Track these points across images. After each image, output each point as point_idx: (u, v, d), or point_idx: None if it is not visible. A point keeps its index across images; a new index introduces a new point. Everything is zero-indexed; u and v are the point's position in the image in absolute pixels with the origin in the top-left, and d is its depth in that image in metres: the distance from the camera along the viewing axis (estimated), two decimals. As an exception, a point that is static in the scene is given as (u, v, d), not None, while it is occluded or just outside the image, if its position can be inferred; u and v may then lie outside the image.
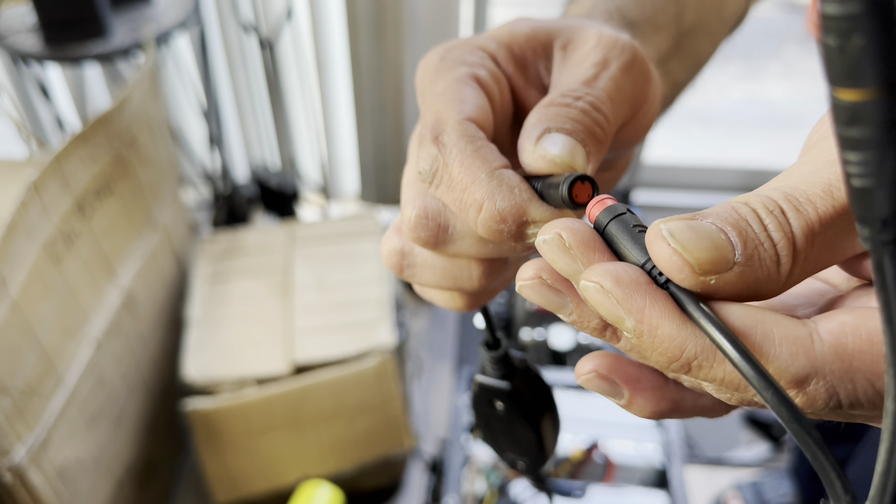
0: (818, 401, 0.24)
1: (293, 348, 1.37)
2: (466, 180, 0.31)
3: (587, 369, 0.30)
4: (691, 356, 0.25)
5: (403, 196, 0.36)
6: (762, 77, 3.03)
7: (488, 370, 0.41)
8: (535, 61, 0.37)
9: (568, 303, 0.28)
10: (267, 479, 1.40)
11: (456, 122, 0.33)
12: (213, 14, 1.83)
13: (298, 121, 2.04)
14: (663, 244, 0.25)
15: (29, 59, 1.46)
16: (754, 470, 1.62)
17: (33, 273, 1.07)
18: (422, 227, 0.34)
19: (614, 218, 0.28)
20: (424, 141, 0.33)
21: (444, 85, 0.35)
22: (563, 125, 0.32)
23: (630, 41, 0.36)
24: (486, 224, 0.31)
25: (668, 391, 0.31)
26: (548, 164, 0.31)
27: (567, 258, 0.27)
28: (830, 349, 0.24)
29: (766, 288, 0.25)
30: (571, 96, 0.33)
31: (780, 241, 0.25)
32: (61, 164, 1.14)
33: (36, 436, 1.08)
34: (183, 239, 1.60)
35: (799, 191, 0.26)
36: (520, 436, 0.42)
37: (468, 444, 1.31)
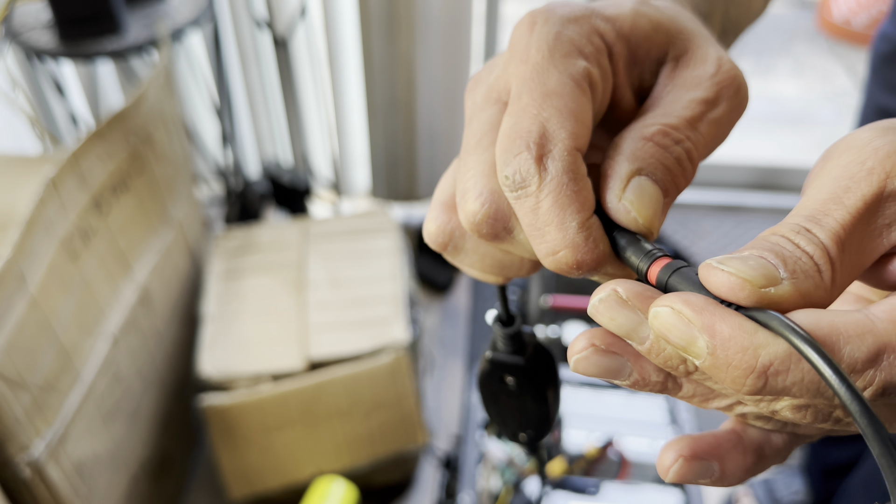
0: (895, 374, 0.25)
1: (308, 344, 1.38)
2: (555, 219, 0.30)
3: (674, 474, 0.32)
4: (767, 363, 0.25)
5: (471, 181, 0.33)
6: (772, 74, 3.03)
7: (500, 346, 0.42)
8: (644, 61, 0.35)
9: (626, 363, 0.29)
10: (281, 475, 1.41)
11: (565, 149, 0.30)
12: (226, 11, 1.83)
13: (311, 117, 2.05)
14: (718, 272, 0.26)
15: (43, 56, 1.46)
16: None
17: (51, 269, 1.08)
18: (487, 226, 0.32)
19: (675, 271, 0.28)
20: (522, 150, 0.30)
21: (558, 82, 0.31)
22: (654, 171, 0.31)
23: (745, 81, 0.34)
24: (556, 264, 0.31)
25: (748, 441, 0.33)
26: (630, 220, 0.30)
27: (626, 311, 0.28)
28: (891, 324, 0.25)
29: (818, 296, 0.27)
30: (672, 137, 0.32)
31: (814, 253, 0.27)
32: (78, 161, 1.14)
33: (54, 431, 1.09)
34: (197, 235, 1.61)
35: (815, 210, 0.28)
36: (528, 409, 0.43)
37: (483, 440, 1.32)
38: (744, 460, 0.33)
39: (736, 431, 0.34)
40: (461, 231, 0.35)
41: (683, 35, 0.35)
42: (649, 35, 0.34)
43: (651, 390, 0.30)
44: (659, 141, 0.31)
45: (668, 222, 2.20)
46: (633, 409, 1.37)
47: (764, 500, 1.51)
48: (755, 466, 0.34)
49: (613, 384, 0.30)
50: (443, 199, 0.36)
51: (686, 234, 2.16)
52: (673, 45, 0.35)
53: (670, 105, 0.33)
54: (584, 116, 0.31)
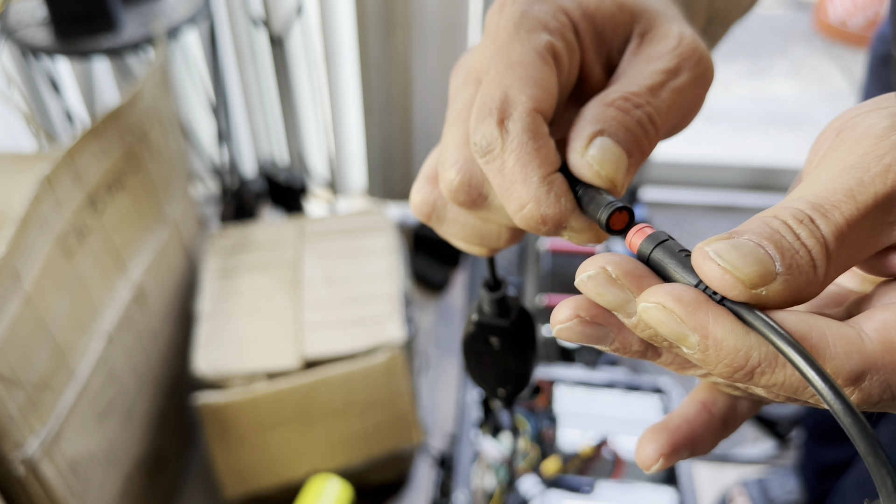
0: (873, 395, 0.25)
1: (303, 343, 1.38)
2: (518, 176, 0.32)
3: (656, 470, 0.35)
4: (755, 363, 0.26)
5: (448, 151, 0.35)
6: (768, 75, 3.03)
7: (487, 310, 0.44)
8: (612, 39, 0.37)
9: (609, 333, 0.30)
10: (276, 473, 1.41)
11: (524, 111, 0.32)
12: (222, 9, 1.83)
13: (307, 116, 2.05)
14: (712, 264, 0.26)
15: (39, 53, 1.46)
16: (760, 467, 1.62)
17: (46, 267, 1.08)
18: (463, 193, 0.35)
19: (658, 245, 0.29)
20: (486, 116, 0.32)
21: (520, 53, 0.33)
22: (616, 132, 0.32)
23: (707, 52, 0.36)
24: (524, 221, 0.32)
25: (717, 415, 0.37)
26: (592, 174, 0.32)
27: (615, 289, 0.28)
28: (880, 345, 0.25)
29: (807, 292, 0.27)
30: (633, 102, 0.33)
31: (813, 248, 0.26)
32: (74, 159, 1.14)
33: (48, 429, 1.08)
34: (193, 233, 1.61)
35: (823, 198, 0.28)
36: (509, 367, 0.46)
37: (477, 439, 1.32)
38: (714, 436, 0.36)
39: (706, 407, 0.36)
40: (443, 202, 0.37)
41: (648, 14, 0.37)
42: (614, 14, 0.36)
43: (631, 356, 0.31)
44: (620, 105, 0.33)
45: (663, 222, 2.20)
46: (628, 408, 1.37)
47: (758, 499, 1.52)
48: (723, 435, 0.36)
49: (595, 347, 0.31)
50: (427, 173, 0.38)
51: (682, 234, 2.17)
52: (638, 23, 0.36)
53: (633, 76, 0.35)
54: (547, 83, 0.33)
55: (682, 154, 2.33)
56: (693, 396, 0.37)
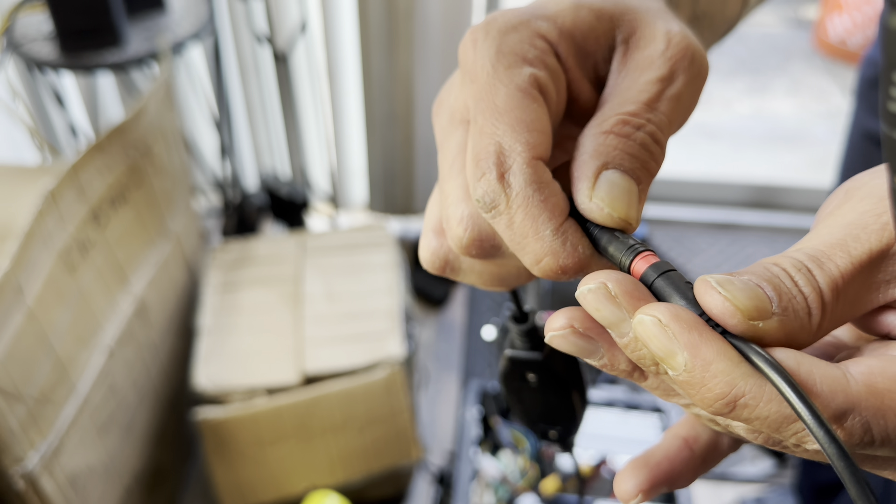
0: (854, 435, 0.26)
1: (303, 358, 1.38)
2: (529, 231, 0.30)
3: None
4: (740, 394, 0.26)
5: (451, 207, 0.33)
6: (768, 92, 3.05)
7: (517, 344, 0.42)
8: (595, 52, 0.34)
9: (599, 348, 0.30)
10: (275, 489, 1.41)
11: (524, 162, 0.30)
12: (227, 25, 1.84)
13: (309, 131, 2.06)
14: (714, 293, 0.27)
15: (44, 67, 1.47)
16: (759, 486, 1.62)
17: (49, 281, 1.08)
18: (475, 248, 0.33)
19: (662, 274, 0.29)
20: (484, 171, 0.31)
21: (505, 95, 0.31)
22: (621, 162, 0.31)
23: (699, 47, 0.34)
24: (543, 272, 0.31)
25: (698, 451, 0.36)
26: (605, 217, 0.30)
27: (613, 306, 0.28)
28: (864, 387, 0.26)
29: (801, 338, 0.27)
30: (632, 123, 0.31)
31: (809, 295, 0.27)
32: (78, 174, 1.15)
33: (49, 443, 1.09)
34: (194, 248, 1.61)
35: (820, 251, 0.28)
36: (552, 404, 0.43)
37: (476, 457, 1.32)
38: (693, 472, 0.36)
39: (688, 444, 0.36)
40: (454, 254, 0.36)
41: (628, 16, 0.34)
42: (593, 25, 0.34)
43: (618, 375, 0.31)
44: (619, 131, 0.31)
45: (663, 239, 2.21)
46: (627, 427, 1.38)
47: (756, 518, 1.52)
48: (702, 471, 0.36)
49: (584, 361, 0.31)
50: (432, 225, 0.36)
51: (681, 251, 2.17)
52: (619, 29, 0.34)
53: (626, 91, 0.33)
54: (539, 124, 0.31)
55: (682, 171, 2.34)
56: (674, 431, 0.37)
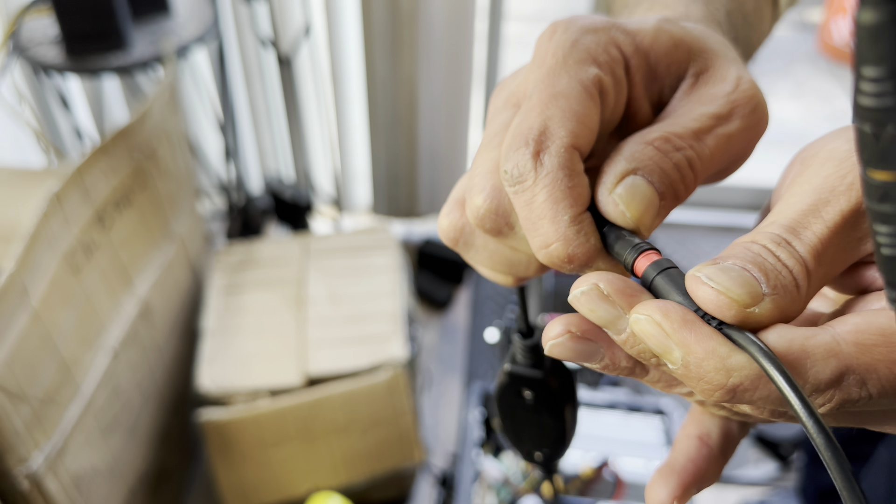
0: (853, 394, 0.26)
1: (306, 360, 1.39)
2: (547, 212, 0.31)
3: None
4: (737, 383, 0.27)
5: (477, 177, 0.34)
6: (772, 96, 3.04)
7: (519, 359, 0.41)
8: (664, 77, 0.35)
9: (599, 349, 0.30)
10: (278, 490, 1.41)
11: (562, 146, 0.31)
12: (231, 29, 1.85)
13: (313, 134, 2.06)
14: (706, 288, 0.27)
15: (50, 71, 1.48)
16: (762, 488, 1.62)
17: (54, 283, 1.09)
18: (490, 220, 0.34)
19: (662, 271, 0.29)
20: (521, 145, 0.31)
21: (566, 84, 0.32)
22: (651, 172, 0.32)
23: (764, 101, 0.35)
24: (548, 258, 0.32)
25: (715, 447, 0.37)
26: (617, 213, 0.31)
27: (607, 305, 0.29)
28: (853, 346, 0.27)
29: (792, 310, 0.28)
30: (674, 144, 0.32)
31: (794, 267, 0.28)
32: (83, 176, 1.16)
33: (53, 444, 1.09)
34: (199, 250, 1.62)
35: (794, 220, 0.29)
36: (544, 426, 0.43)
37: (479, 459, 1.32)
38: (717, 467, 0.37)
39: (704, 441, 0.37)
40: (471, 228, 0.36)
41: (706, 54, 0.35)
42: (670, 51, 0.35)
43: (619, 374, 0.31)
44: (659, 146, 0.32)
45: (667, 242, 2.21)
46: (629, 429, 1.38)
47: (759, 521, 1.51)
48: (724, 464, 0.37)
49: (583, 366, 0.31)
50: (456, 197, 0.37)
51: (685, 254, 2.17)
52: (694, 63, 0.35)
53: (681, 117, 0.34)
54: (588, 119, 0.32)
55: (686, 174, 2.34)
56: (686, 432, 0.37)
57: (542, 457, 0.45)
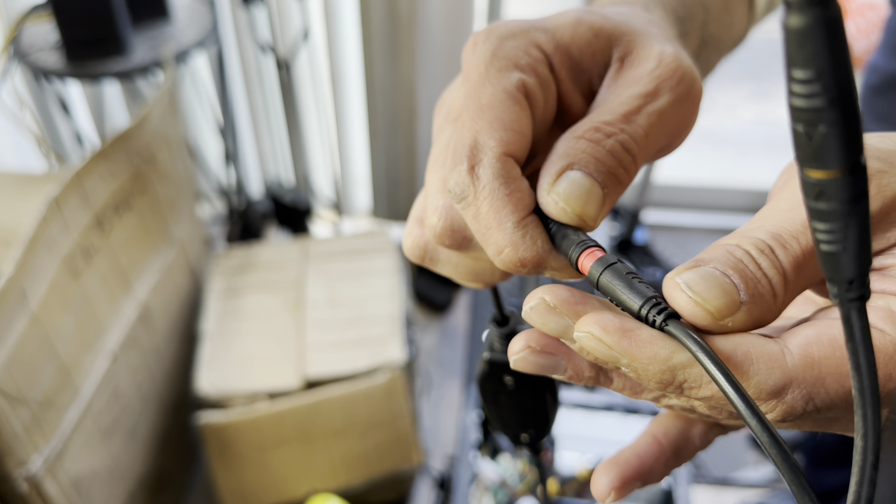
0: (797, 407, 0.27)
1: (305, 363, 1.39)
2: (493, 222, 0.32)
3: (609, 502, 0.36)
4: (682, 380, 0.28)
5: (430, 197, 0.35)
6: (772, 98, 3.05)
7: (497, 346, 0.43)
8: (590, 67, 0.36)
9: (560, 362, 0.31)
10: (277, 493, 1.42)
11: (494, 157, 0.32)
12: (231, 34, 1.86)
13: (313, 138, 2.07)
14: (683, 296, 0.28)
15: (50, 76, 1.49)
16: (760, 490, 1.62)
17: (53, 287, 1.10)
18: (447, 237, 0.35)
19: (606, 268, 0.30)
20: (458, 163, 0.32)
21: (490, 95, 0.33)
22: (586, 164, 0.32)
23: (691, 69, 0.35)
24: (503, 264, 0.33)
25: (668, 444, 0.38)
26: (559, 211, 0.32)
27: (556, 317, 0.30)
28: (801, 360, 0.27)
29: (766, 318, 0.29)
30: (604, 132, 0.33)
31: (773, 277, 0.28)
32: (82, 180, 1.16)
33: (52, 447, 1.10)
34: (198, 254, 1.63)
35: (783, 229, 0.29)
36: (527, 408, 0.44)
37: (476, 461, 1.33)
38: (665, 465, 0.37)
39: (656, 439, 0.38)
40: (433, 244, 0.37)
41: (627, 37, 0.36)
42: (590, 41, 0.35)
43: (585, 384, 0.32)
44: (590, 136, 0.32)
45: (666, 244, 2.21)
46: (625, 431, 1.38)
47: (757, 523, 1.52)
48: (675, 464, 0.38)
49: (561, 381, 0.32)
50: (416, 216, 0.38)
51: (685, 257, 2.18)
52: (616, 48, 0.36)
53: (609, 104, 0.34)
54: (518, 125, 0.33)
55: (686, 177, 2.35)
56: (646, 430, 0.38)
57: (529, 437, 0.46)
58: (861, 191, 0.21)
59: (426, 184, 0.36)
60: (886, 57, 1.12)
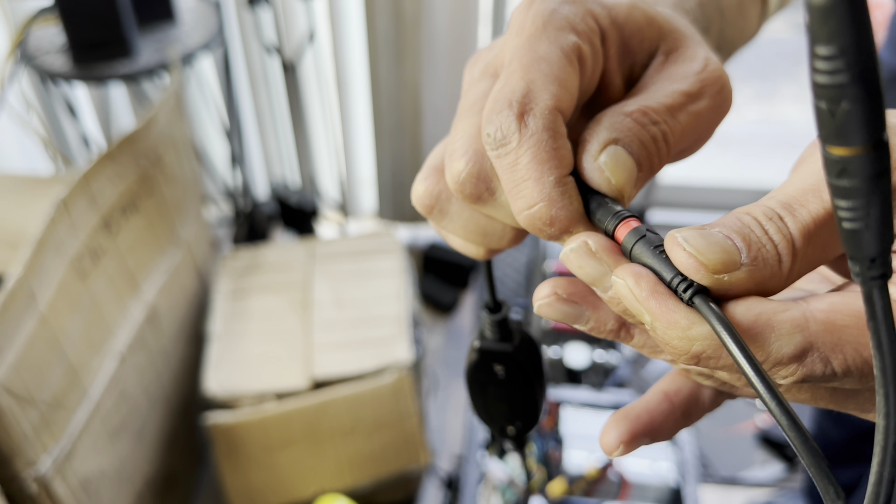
0: (816, 370, 0.27)
1: (312, 364, 1.40)
2: (532, 174, 0.31)
3: (617, 456, 0.35)
4: (699, 351, 0.28)
5: (457, 142, 0.34)
6: (777, 98, 3.05)
7: (488, 334, 0.42)
8: (636, 53, 0.36)
9: (584, 311, 0.31)
10: (285, 493, 1.42)
11: (546, 108, 0.31)
12: (236, 36, 1.87)
13: (318, 140, 2.08)
14: (679, 249, 0.28)
15: (57, 79, 1.50)
16: (768, 489, 1.62)
17: (61, 288, 1.10)
18: (470, 185, 0.34)
19: (640, 239, 0.30)
20: (504, 107, 0.31)
21: (547, 49, 0.32)
22: (630, 143, 0.32)
23: (728, 81, 0.36)
24: (530, 220, 0.32)
25: (678, 404, 0.38)
26: (603, 180, 0.32)
27: (594, 262, 0.30)
28: (822, 325, 0.27)
29: (772, 284, 0.29)
30: (650, 117, 0.33)
31: (780, 243, 0.28)
32: (89, 182, 1.17)
33: (61, 447, 1.10)
34: (205, 255, 1.63)
35: (792, 197, 0.29)
36: (516, 399, 0.43)
37: (484, 460, 1.33)
38: (674, 424, 0.37)
39: (668, 397, 0.38)
40: (448, 194, 0.36)
41: (676, 34, 0.36)
42: (642, 27, 0.36)
43: (606, 336, 0.32)
44: (637, 118, 0.33)
45: (672, 245, 2.21)
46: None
47: (766, 523, 1.51)
48: (683, 424, 0.38)
49: (573, 328, 0.32)
50: (434, 164, 0.37)
51: (690, 256, 2.17)
52: (665, 41, 0.36)
53: (654, 93, 0.34)
54: (570, 84, 0.32)
55: (691, 177, 2.35)
56: (657, 386, 0.38)
57: (515, 430, 0.45)
58: (884, 167, 0.21)
59: (453, 131, 0.35)
60: (892, 53, 1.12)
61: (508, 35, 0.35)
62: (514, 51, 0.33)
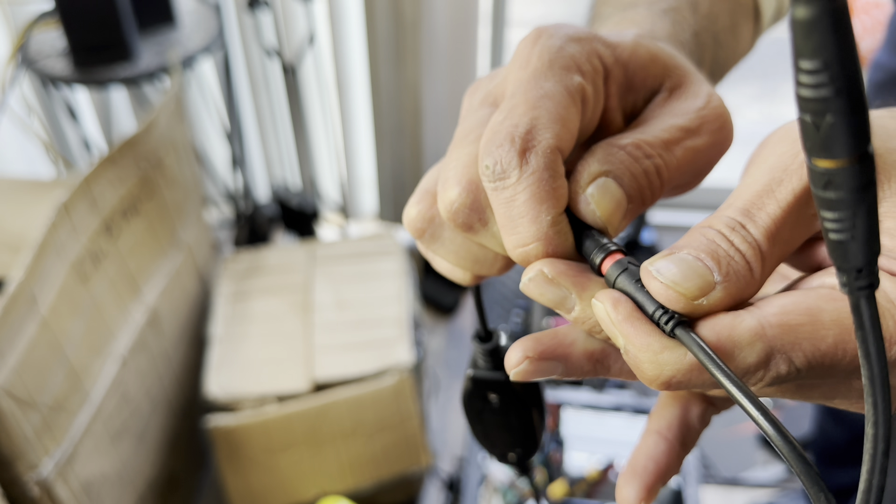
0: (782, 371, 0.28)
1: (313, 366, 1.40)
2: (529, 212, 0.31)
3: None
4: (669, 376, 0.28)
5: (452, 170, 0.34)
6: (777, 98, 3.05)
7: (481, 363, 0.41)
8: (639, 90, 0.37)
9: (558, 365, 0.32)
10: (286, 495, 1.42)
11: (549, 146, 0.31)
12: (237, 39, 1.87)
13: (319, 142, 2.08)
14: (656, 282, 0.29)
15: (58, 83, 1.50)
16: (770, 490, 1.62)
17: (62, 291, 1.10)
18: (463, 214, 0.33)
19: (622, 272, 0.30)
20: (505, 141, 0.31)
21: (552, 87, 0.33)
22: (621, 176, 0.32)
23: (729, 119, 0.36)
24: (524, 257, 0.32)
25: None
26: (589, 212, 0.32)
27: (553, 287, 0.31)
28: (778, 329, 0.28)
29: (747, 293, 0.29)
30: (644, 151, 0.33)
31: (747, 252, 0.29)
32: (90, 186, 1.17)
33: (63, 450, 1.11)
34: (206, 258, 1.64)
35: (750, 202, 0.30)
36: (513, 426, 0.43)
37: (485, 462, 1.33)
38: (678, 458, 0.37)
39: (662, 435, 0.38)
40: (440, 220, 0.36)
41: (679, 70, 0.37)
42: (646, 65, 0.36)
43: (584, 377, 0.33)
44: (631, 151, 0.33)
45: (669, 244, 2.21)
46: (634, 431, 1.38)
47: (767, 523, 1.51)
48: (684, 454, 0.38)
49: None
50: (427, 187, 0.37)
51: (691, 257, 2.17)
52: (668, 78, 0.37)
53: (652, 127, 0.35)
54: (572, 125, 0.33)
55: (692, 178, 2.34)
56: (648, 428, 0.39)
57: (516, 457, 0.45)
58: (869, 179, 0.22)
59: (448, 157, 0.35)
60: (890, 54, 1.12)
61: (512, 67, 0.35)
62: (517, 84, 0.33)
